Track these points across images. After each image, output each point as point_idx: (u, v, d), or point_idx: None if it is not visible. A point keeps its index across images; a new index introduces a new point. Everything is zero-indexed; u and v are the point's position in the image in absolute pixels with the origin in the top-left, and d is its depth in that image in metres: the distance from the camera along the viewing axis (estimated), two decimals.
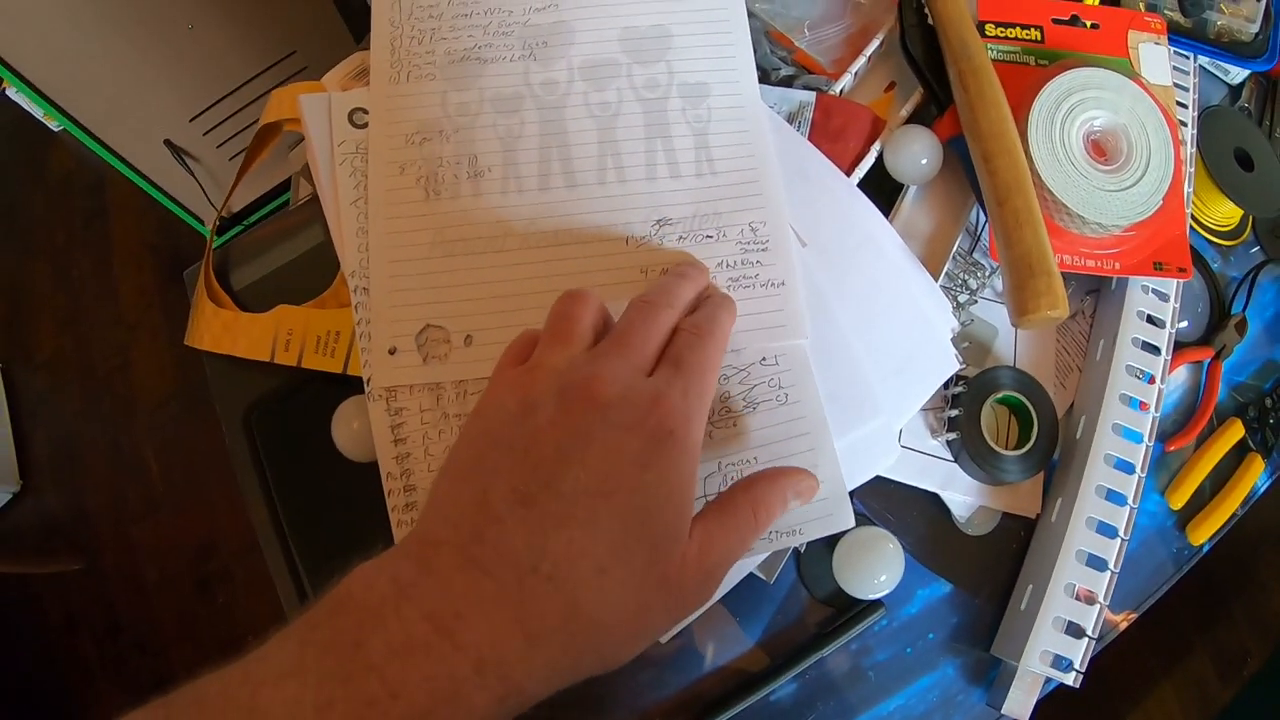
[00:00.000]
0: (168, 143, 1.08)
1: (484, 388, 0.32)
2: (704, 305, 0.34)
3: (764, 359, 0.38)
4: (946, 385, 0.42)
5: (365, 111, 0.44)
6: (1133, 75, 0.47)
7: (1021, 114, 0.44)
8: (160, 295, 1.49)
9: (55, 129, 1.55)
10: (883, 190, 0.45)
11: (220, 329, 0.47)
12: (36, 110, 1.41)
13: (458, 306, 0.40)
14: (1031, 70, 0.47)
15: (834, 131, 0.43)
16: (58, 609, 1.31)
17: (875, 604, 0.40)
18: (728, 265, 0.40)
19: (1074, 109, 0.44)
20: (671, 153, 0.42)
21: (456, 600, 0.24)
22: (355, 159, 0.43)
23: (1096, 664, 0.40)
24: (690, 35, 0.44)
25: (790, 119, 0.44)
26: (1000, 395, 0.42)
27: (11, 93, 1.40)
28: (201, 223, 1.23)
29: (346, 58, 0.49)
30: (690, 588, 0.27)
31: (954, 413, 0.41)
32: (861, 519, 0.41)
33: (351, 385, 0.43)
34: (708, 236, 0.40)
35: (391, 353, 0.39)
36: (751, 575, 0.39)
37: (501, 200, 0.41)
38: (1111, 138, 0.45)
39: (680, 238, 0.40)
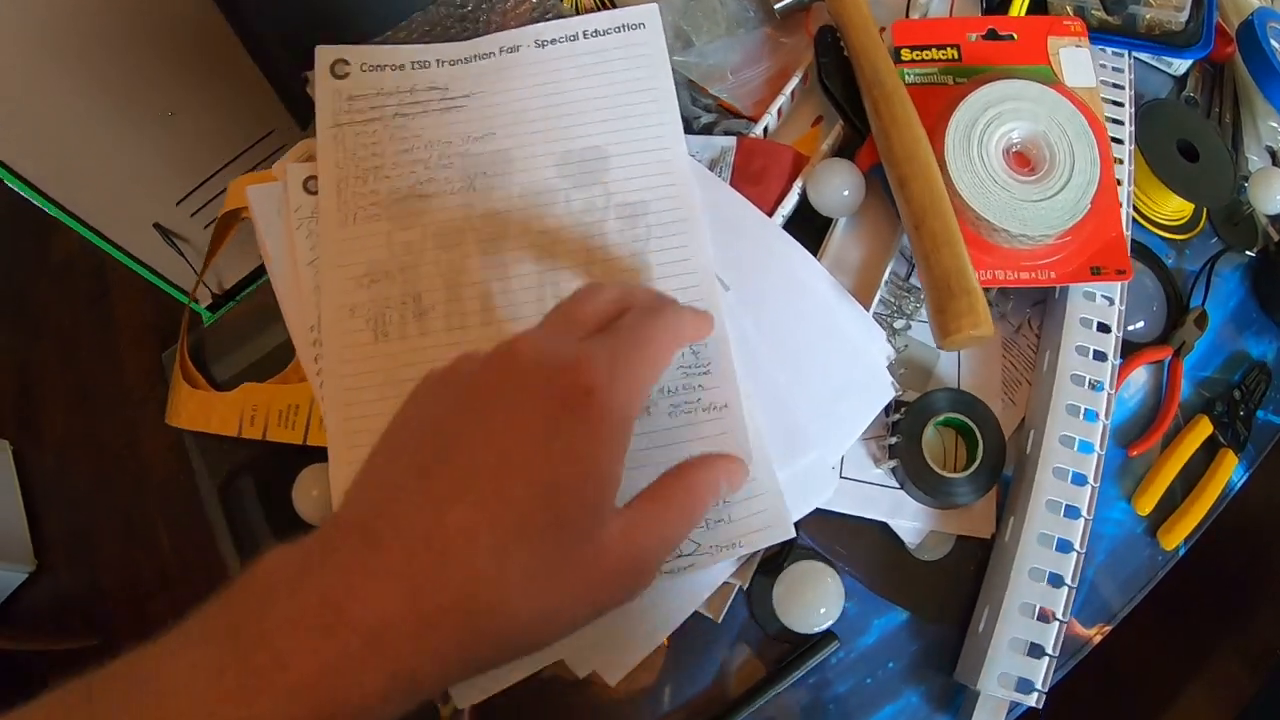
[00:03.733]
0: (157, 226, 1.13)
1: None
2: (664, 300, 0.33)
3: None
4: (887, 412, 0.43)
5: (315, 178, 0.47)
6: (1053, 81, 0.48)
7: (940, 134, 0.45)
8: (164, 373, 1.54)
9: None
10: (815, 225, 0.47)
11: (195, 407, 0.51)
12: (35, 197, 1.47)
13: None
14: (950, 89, 0.48)
15: (755, 174, 0.45)
16: None
17: (828, 636, 0.40)
18: (668, 391, 0.40)
19: (991, 123, 0.45)
20: (609, 275, 0.43)
21: (351, 575, 0.24)
22: (310, 223, 0.46)
23: (1123, 670, 0.40)
24: (626, 154, 0.45)
25: (712, 165, 0.46)
26: (941, 418, 0.43)
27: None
28: (197, 301, 1.28)
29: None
30: (614, 575, 0.27)
31: (894, 439, 0.42)
32: (807, 552, 0.42)
33: (313, 455, 0.45)
34: None
35: None
36: (698, 615, 0.40)
37: (446, 339, 0.43)
38: (1033, 147, 0.46)
39: None
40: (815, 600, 0.37)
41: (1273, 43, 0.55)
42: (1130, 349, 0.49)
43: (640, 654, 0.39)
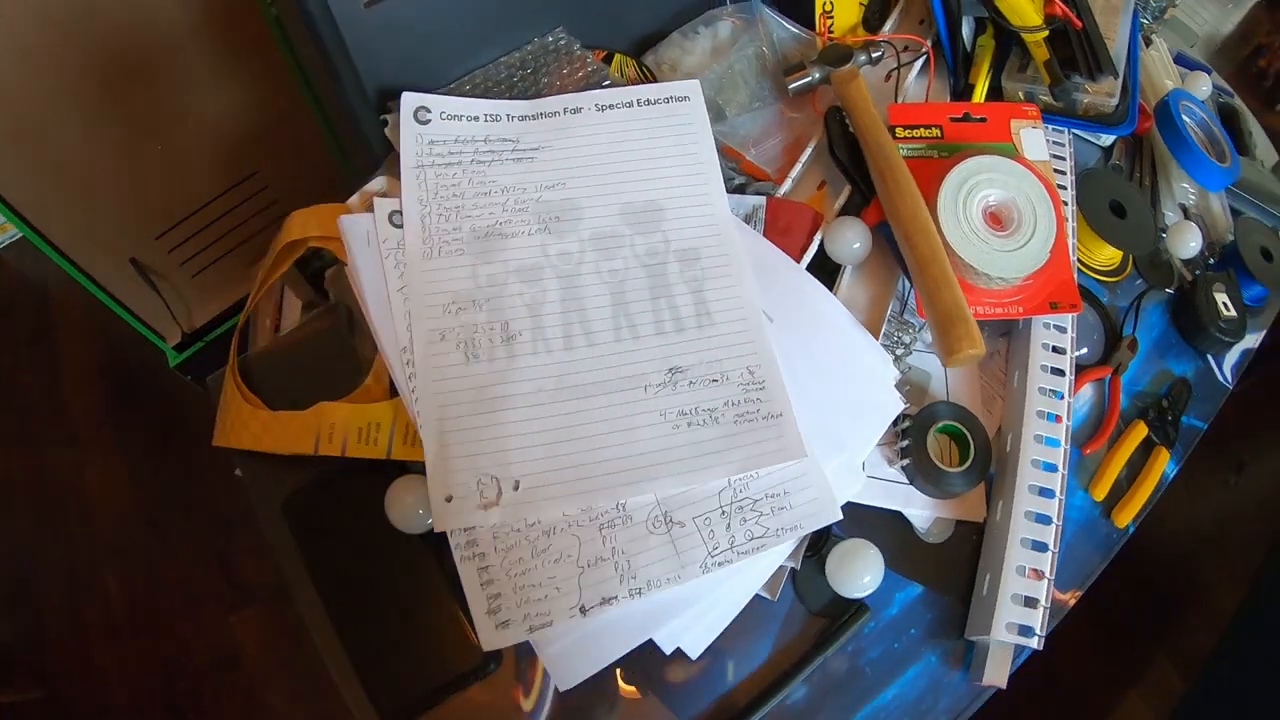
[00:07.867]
0: (133, 261, 1.16)
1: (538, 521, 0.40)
2: None
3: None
4: (895, 423, 0.55)
5: (399, 212, 0.54)
6: (1016, 156, 0.62)
7: (931, 198, 0.58)
8: (111, 414, 1.54)
9: None
10: (826, 270, 0.59)
11: (260, 429, 0.55)
12: None
13: (504, 455, 0.49)
14: (936, 162, 0.62)
15: (783, 227, 0.57)
16: None
17: (862, 608, 0.51)
18: (732, 404, 0.51)
19: (972, 190, 0.59)
20: (675, 309, 0.53)
21: None
22: (397, 253, 0.54)
23: (1068, 681, 0.49)
24: (679, 208, 0.56)
25: (747, 219, 0.57)
26: (940, 425, 0.55)
27: None
28: (162, 339, 1.30)
29: (364, 184, 0.59)
30: None
31: (904, 444, 0.54)
32: (840, 539, 0.53)
33: (388, 469, 0.51)
34: (713, 380, 0.51)
35: (448, 500, 0.48)
36: (759, 596, 0.50)
37: (533, 360, 0.51)
38: (1004, 209, 0.59)
39: (691, 382, 0.51)
40: (862, 569, 0.48)
41: (1184, 118, 0.71)
42: (1078, 370, 0.63)
43: (717, 629, 0.48)
